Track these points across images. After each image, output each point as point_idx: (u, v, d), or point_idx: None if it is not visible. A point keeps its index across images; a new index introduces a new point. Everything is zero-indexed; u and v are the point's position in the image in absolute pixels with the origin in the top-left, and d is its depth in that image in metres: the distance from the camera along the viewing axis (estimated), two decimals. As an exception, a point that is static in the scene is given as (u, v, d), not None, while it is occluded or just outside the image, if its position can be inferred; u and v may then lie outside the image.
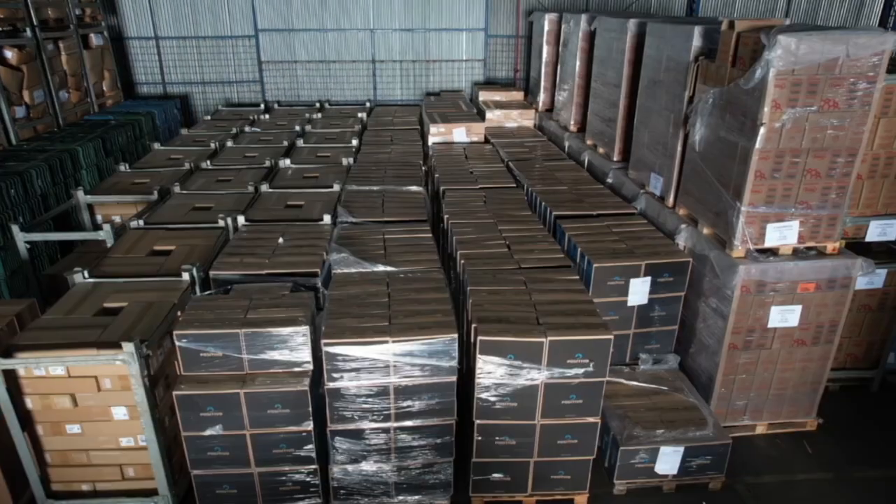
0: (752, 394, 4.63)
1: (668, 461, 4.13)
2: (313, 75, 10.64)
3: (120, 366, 3.53)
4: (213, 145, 7.67)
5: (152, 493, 3.87)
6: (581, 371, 3.70)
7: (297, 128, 8.77)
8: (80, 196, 5.91)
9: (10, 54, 7.19)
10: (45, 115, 7.87)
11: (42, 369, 3.54)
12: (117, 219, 6.17)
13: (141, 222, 5.20)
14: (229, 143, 7.82)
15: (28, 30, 7.54)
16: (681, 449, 4.10)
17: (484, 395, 3.75)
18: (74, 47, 8.52)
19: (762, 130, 3.93)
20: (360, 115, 9.61)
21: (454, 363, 3.68)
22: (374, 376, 3.65)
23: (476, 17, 10.47)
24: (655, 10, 10.83)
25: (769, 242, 4.25)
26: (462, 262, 4.61)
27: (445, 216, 5.51)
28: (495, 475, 4.03)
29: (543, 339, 3.60)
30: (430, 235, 5.08)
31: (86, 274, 4.28)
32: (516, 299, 4.03)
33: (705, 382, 4.71)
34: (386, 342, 3.57)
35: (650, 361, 4.91)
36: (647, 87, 5.60)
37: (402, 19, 10.38)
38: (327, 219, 5.29)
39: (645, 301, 4.75)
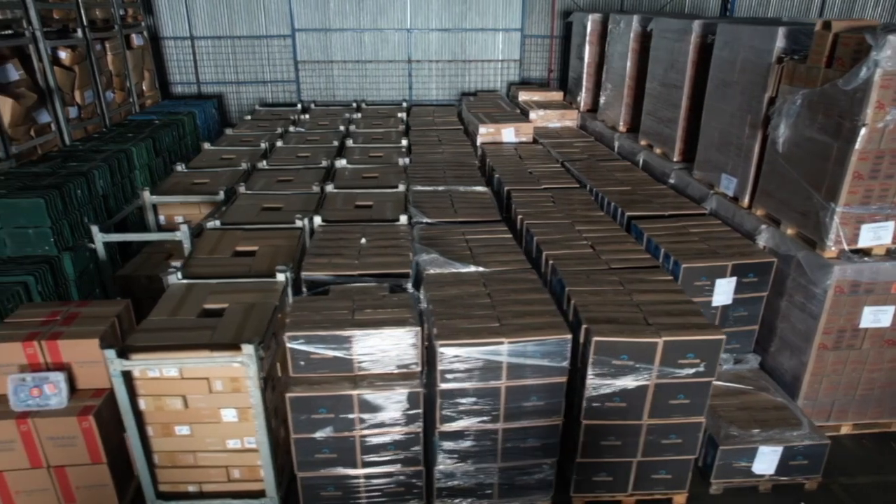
0: (839, 394, 4.65)
1: (766, 461, 4.15)
2: (349, 75, 10.64)
3: (232, 367, 3.53)
4: (263, 145, 7.65)
5: (258, 494, 3.86)
6: (691, 371, 3.71)
7: (341, 128, 8.76)
8: (146, 196, 5.90)
9: (63, 55, 7.17)
10: (94, 116, 7.85)
11: (156, 371, 3.53)
12: (180, 219, 6.18)
13: (218, 223, 5.19)
14: (279, 143, 7.80)
15: (79, 30, 7.51)
16: (779, 449, 4.12)
17: (594, 396, 3.76)
18: (119, 47, 8.50)
19: (863, 131, 3.94)
20: (399, 115, 9.61)
21: (566, 364, 3.69)
22: (487, 377, 3.65)
23: (512, 18, 10.48)
24: (689, 10, 10.86)
25: (863, 243, 4.28)
26: (551, 262, 4.61)
27: (519, 217, 5.51)
28: (598, 475, 4.03)
29: (658, 340, 3.61)
30: (509, 236, 5.08)
31: (180, 275, 4.27)
32: (618, 300, 4.04)
33: (790, 382, 4.73)
34: (501, 343, 3.58)
35: (731, 361, 4.93)
36: (717, 89, 5.62)
37: (439, 19, 10.39)
38: (403, 219, 5.29)
39: (729, 301, 4.76)
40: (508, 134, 8.06)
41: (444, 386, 3.66)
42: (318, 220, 5.25)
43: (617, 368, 3.69)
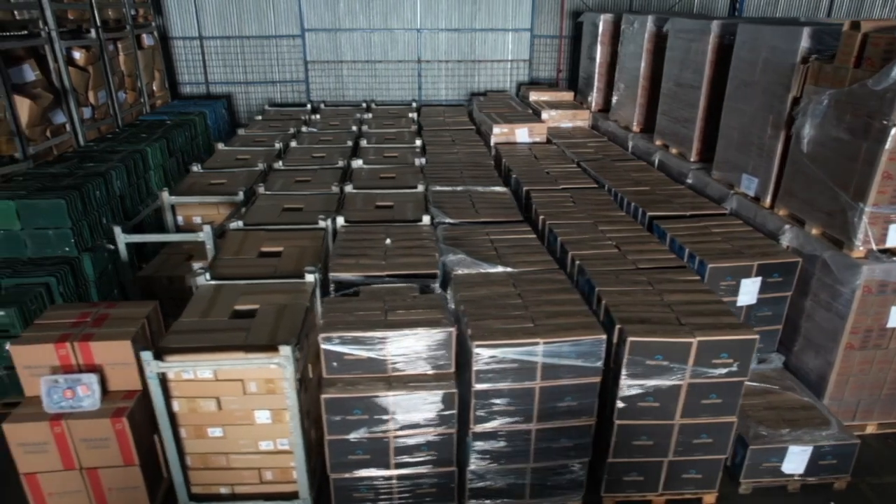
0: (865, 393, 4.66)
1: (796, 461, 4.16)
2: (359, 75, 10.63)
3: (267, 369, 3.52)
4: (277, 145, 7.64)
5: (291, 496, 3.85)
6: (724, 371, 3.72)
7: (354, 128, 8.75)
8: (165, 197, 5.88)
9: (78, 55, 7.14)
10: (107, 116, 7.83)
11: (191, 373, 3.52)
12: (198, 219, 6.17)
13: (241, 223, 5.18)
14: (293, 144, 7.79)
15: (92, 30, 7.49)
16: (809, 449, 4.13)
17: (627, 396, 3.77)
18: (131, 47, 8.48)
19: (893, 131, 3.95)
20: (410, 115, 9.60)
21: (600, 364, 3.69)
22: (521, 378, 3.65)
23: (522, 18, 10.49)
24: (698, 10, 10.88)
25: (891, 242, 4.29)
26: (578, 263, 4.62)
27: (541, 217, 5.51)
28: (629, 475, 4.04)
29: (692, 340, 3.62)
30: (533, 236, 5.08)
31: (208, 276, 4.26)
32: (648, 300, 4.04)
33: (815, 381, 4.74)
34: (537, 343, 3.58)
35: (755, 361, 4.93)
36: (737, 89, 5.63)
37: (448, 19, 10.39)
38: (426, 220, 5.29)
39: (754, 301, 4.77)
40: (522, 134, 8.06)
41: (478, 386, 3.65)
42: (340, 220, 5.24)
43: (651, 368, 3.69)
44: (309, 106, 10.31)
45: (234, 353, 3.49)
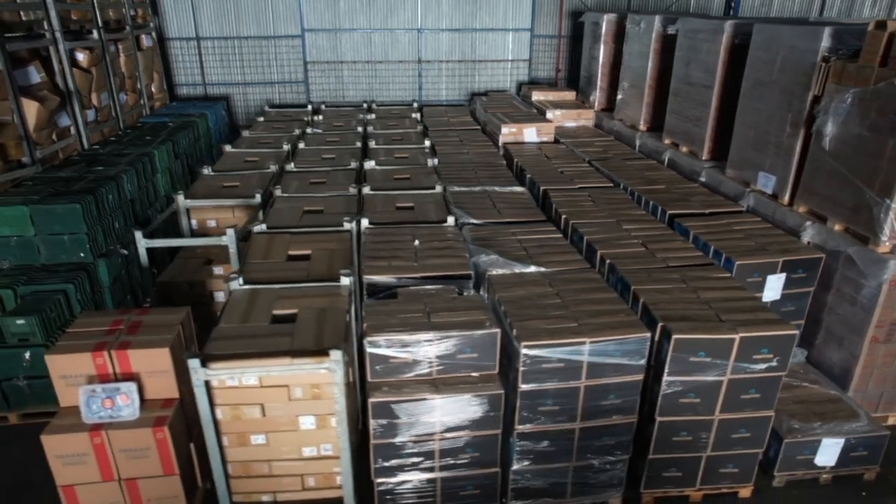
0: (888, 385, 4.76)
1: (828, 453, 4.23)
2: (359, 76, 10.57)
3: (313, 374, 3.48)
4: (285, 147, 7.56)
5: (335, 502, 3.81)
6: (764, 366, 3.78)
7: (359, 129, 8.70)
8: (181, 200, 5.78)
9: (81, 56, 6.99)
10: (109, 119, 7.67)
11: (235, 380, 3.47)
12: (212, 223, 6.08)
13: (264, 226, 5.12)
14: (301, 145, 7.72)
15: (94, 31, 7.34)
16: (841, 441, 4.20)
17: (669, 393, 3.80)
18: (131, 48, 8.33)
19: (919, 129, 4.05)
20: (413, 115, 9.57)
21: (643, 362, 3.72)
22: (567, 377, 3.66)
23: (522, 18, 10.52)
24: (694, 9, 11.02)
25: (916, 237, 4.39)
26: (608, 261, 4.64)
27: (563, 216, 5.53)
28: (669, 471, 4.08)
29: (735, 336, 3.66)
30: (560, 235, 5.10)
31: (241, 281, 4.20)
32: (685, 297, 4.08)
33: (839, 374, 4.83)
34: (583, 343, 3.59)
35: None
36: (753, 88, 5.71)
37: (449, 19, 10.38)
38: (451, 220, 5.28)
39: (778, 297, 4.85)
40: (530, 134, 8.09)
41: (524, 387, 3.66)
42: (365, 222, 5.20)
43: (693, 365, 3.73)
44: (310, 107, 10.21)
45: (280, 359, 3.44)
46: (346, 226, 5.19)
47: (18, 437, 4.79)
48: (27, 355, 4.73)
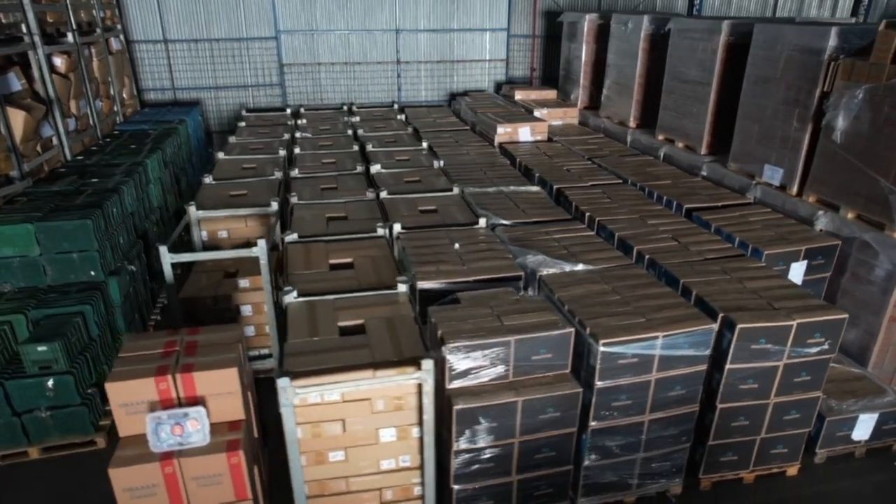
0: (902, 360, 5.11)
1: (864, 428, 4.51)
2: (337, 77, 10.36)
3: (396, 385, 3.41)
4: (282, 153, 7.33)
5: (414, 513, 3.75)
6: (816, 349, 3.98)
7: (349, 132, 8.54)
8: (193, 212, 5.52)
9: (59, 61, 6.54)
10: (88, 128, 7.21)
11: (318, 396, 3.35)
12: (224, 234, 5.84)
13: (296, 236, 4.96)
14: (297, 151, 7.51)
15: (69, 34, 6.88)
16: (875, 415, 4.48)
17: (732, 380, 3.94)
18: (103, 52, 7.85)
19: (933, 121, 4.36)
20: (398, 117, 9.48)
21: (708, 352, 3.85)
22: (639, 371, 3.74)
23: (499, 18, 10.60)
24: (660, 9, 11.42)
25: (929, 222, 4.72)
26: (647, 257, 4.76)
27: (588, 214, 5.63)
28: (725, 455, 4.23)
29: (792, 323, 3.84)
30: (592, 233, 5.20)
31: (295, 294, 4.05)
32: (733, 288, 4.24)
33: (856, 353, 5.14)
34: (657, 337, 3.68)
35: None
36: (755, 85, 5.99)
37: (427, 20, 10.33)
38: (482, 222, 5.27)
39: (800, 283, 5.11)
40: (524, 133, 8.17)
41: (600, 384, 3.71)
42: (397, 227, 5.13)
43: (754, 352, 3.89)
44: (288, 111, 9.94)
45: (363, 372, 3.35)
46: (380, 231, 5.10)
47: (41, 475, 4.44)
48: (50, 384, 4.40)
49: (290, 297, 4.03)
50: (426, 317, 3.94)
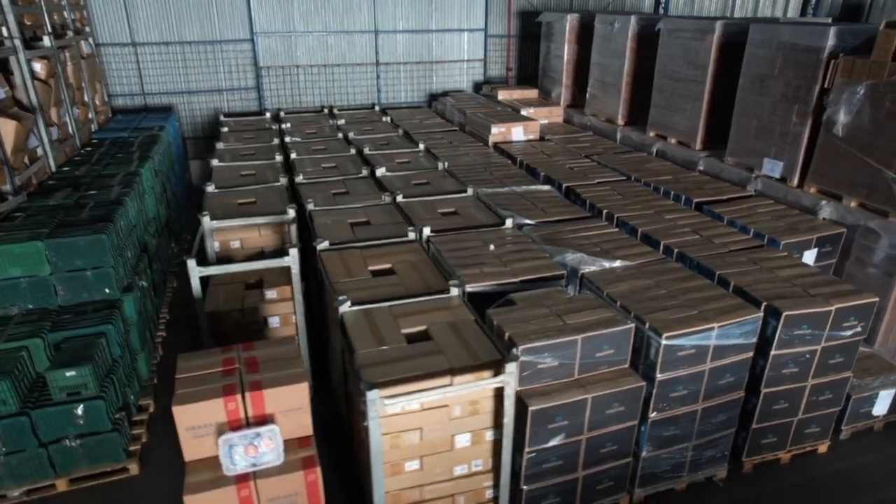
0: (904, 338, 5.47)
1: (883, 403, 4.80)
2: (316, 79, 10.15)
3: (473, 391, 3.40)
4: (278, 158, 7.13)
5: (486, 517, 3.74)
6: (850, 332, 4.21)
7: (339, 135, 8.38)
8: (206, 222, 5.29)
9: (38, 67, 6.13)
10: (68, 136, 6.80)
11: (398, 406, 3.29)
12: (236, 244, 5.64)
13: (327, 243, 4.84)
14: (293, 155, 7.31)
15: (45, 37, 6.46)
16: (893, 391, 4.78)
17: (776, 365, 4.12)
18: (77, 56, 7.41)
19: (933, 114, 4.69)
20: (383, 119, 9.38)
21: (755, 340, 4.01)
22: (695, 362, 3.86)
23: (476, 18, 10.64)
24: (628, 8, 11.74)
25: (929, 208, 5.07)
26: (676, 250, 4.90)
27: (605, 211, 5.73)
28: (766, 438, 4.42)
29: (831, 308, 4.05)
30: (617, 230, 5.30)
31: (349, 303, 3.96)
32: (766, 277, 4.43)
33: (862, 333, 5.46)
34: (712, 328, 3.80)
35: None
36: (752, 82, 6.26)
37: (406, 20, 10.26)
38: (509, 222, 5.29)
39: (811, 269, 5.39)
40: (518, 132, 8.25)
41: (661, 376, 3.81)
42: (426, 231, 5.08)
43: (796, 338, 4.08)
44: (268, 114, 9.66)
45: (442, 379, 3.32)
46: (411, 235, 5.05)
47: (72, 509, 4.17)
48: (79, 410, 4.13)
49: (345, 307, 3.93)
50: (485, 319, 3.92)
